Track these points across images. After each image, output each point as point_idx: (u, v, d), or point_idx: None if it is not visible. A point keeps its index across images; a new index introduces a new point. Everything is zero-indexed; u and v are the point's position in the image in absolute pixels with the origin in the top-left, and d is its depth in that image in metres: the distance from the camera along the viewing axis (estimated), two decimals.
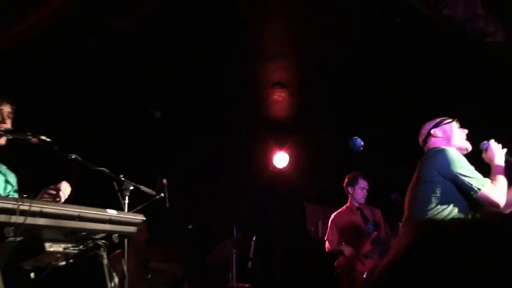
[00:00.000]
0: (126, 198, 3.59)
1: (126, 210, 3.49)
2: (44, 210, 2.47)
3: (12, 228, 2.30)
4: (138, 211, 3.54)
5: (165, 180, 3.98)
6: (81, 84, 5.55)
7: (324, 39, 5.35)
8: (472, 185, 3.63)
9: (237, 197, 7.37)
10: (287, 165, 8.15)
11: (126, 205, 3.55)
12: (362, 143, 6.95)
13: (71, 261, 2.82)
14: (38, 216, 2.43)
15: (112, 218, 2.86)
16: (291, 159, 8.13)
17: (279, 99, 6.89)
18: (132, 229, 3.07)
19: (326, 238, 6.28)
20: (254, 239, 6.45)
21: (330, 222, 6.28)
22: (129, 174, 3.71)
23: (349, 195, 6.24)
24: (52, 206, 2.62)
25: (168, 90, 6.25)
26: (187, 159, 6.95)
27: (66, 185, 3.40)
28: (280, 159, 8.14)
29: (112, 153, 4.69)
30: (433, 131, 3.99)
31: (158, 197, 3.94)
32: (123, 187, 3.59)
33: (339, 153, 7.01)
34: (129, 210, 3.55)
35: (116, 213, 2.91)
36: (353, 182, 6.23)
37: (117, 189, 3.57)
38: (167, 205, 3.97)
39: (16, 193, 3.53)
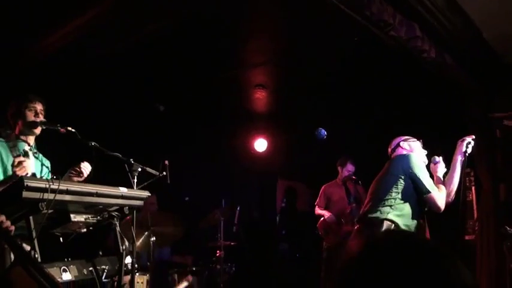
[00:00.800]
0: (135, 177, 3.63)
1: (135, 187, 3.54)
2: (69, 188, 2.52)
3: (45, 203, 2.36)
4: (144, 188, 3.59)
5: (167, 162, 3.98)
6: (98, 85, 5.57)
7: (298, 50, 5.41)
8: (425, 186, 3.71)
9: (225, 176, 7.43)
10: (265, 150, 8.20)
11: (135, 183, 3.60)
12: (325, 133, 7.07)
13: (90, 228, 2.90)
14: (64, 193, 2.48)
15: (123, 194, 2.92)
16: (268, 145, 8.18)
17: (260, 97, 6.93)
18: (139, 203, 3.11)
19: (316, 203, 6.30)
20: (238, 208, 6.53)
21: (320, 191, 6.31)
22: (138, 158, 3.76)
23: (339, 173, 6.24)
24: (76, 185, 2.67)
25: (171, 89, 6.28)
26: (186, 145, 6.98)
27: (86, 164, 3.45)
28: (260, 145, 8.19)
29: (124, 141, 4.71)
30: (401, 143, 4.02)
31: (161, 175, 3.97)
32: (133, 168, 3.58)
33: (307, 140, 7.12)
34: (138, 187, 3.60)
35: (127, 190, 2.97)
36: (343, 163, 6.18)
37: (127, 170, 3.61)
38: (168, 181, 4.00)
39: (50, 174, 3.59)
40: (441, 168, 3.94)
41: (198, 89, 6.41)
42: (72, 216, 2.62)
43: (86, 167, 3.44)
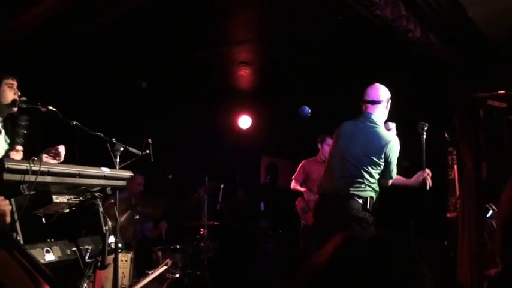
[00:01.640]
0: (118, 157, 3.61)
1: (117, 167, 3.53)
2: (50, 170, 2.51)
3: (26, 185, 2.35)
4: (126, 167, 3.58)
5: (150, 140, 3.97)
6: (78, 64, 5.49)
7: (282, 27, 5.39)
8: (394, 171, 4.02)
9: (209, 153, 7.43)
10: (249, 127, 8.23)
11: (117, 163, 3.58)
12: (309, 111, 7.10)
13: (73, 209, 2.89)
14: (46, 175, 2.47)
15: (106, 174, 2.92)
16: (252, 122, 8.21)
17: (244, 74, 6.91)
18: (122, 183, 3.10)
19: (293, 178, 6.32)
20: (222, 186, 6.55)
21: (299, 166, 6.31)
22: (120, 136, 3.73)
23: (319, 150, 6.24)
24: (57, 166, 2.66)
25: (154, 67, 6.23)
26: (169, 123, 6.95)
27: (63, 147, 3.44)
28: (244, 122, 8.21)
29: (105, 119, 4.67)
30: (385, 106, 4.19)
31: (144, 154, 3.95)
32: (115, 148, 3.57)
33: (290, 117, 7.14)
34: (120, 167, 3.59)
35: (109, 171, 2.97)
36: (322, 139, 6.18)
37: (110, 150, 3.60)
38: (152, 160, 3.99)
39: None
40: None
41: (182, 66, 6.36)
42: (54, 197, 2.61)
43: (62, 150, 3.42)
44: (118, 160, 3.58)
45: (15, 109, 3.39)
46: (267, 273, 6.84)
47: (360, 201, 3.93)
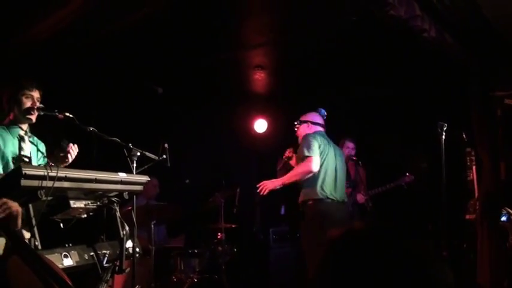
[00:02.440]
0: (134, 162, 3.64)
1: (134, 172, 3.56)
2: (68, 175, 2.53)
3: (44, 190, 2.37)
4: (143, 172, 3.61)
5: (166, 145, 3.98)
6: (95, 70, 5.53)
7: (295, 31, 5.39)
8: None
9: (225, 157, 7.43)
10: (265, 130, 8.20)
11: (134, 168, 3.61)
12: (325, 113, 7.05)
13: (90, 214, 2.92)
14: (63, 180, 2.49)
15: (123, 179, 2.92)
16: (268, 125, 8.17)
17: (259, 78, 6.91)
18: (139, 188, 3.11)
19: None
20: (238, 190, 6.54)
21: None
22: (136, 142, 3.75)
23: None
24: (74, 171, 2.65)
25: (169, 72, 6.25)
26: (185, 127, 6.97)
27: (74, 146, 3.46)
28: (260, 125, 8.18)
29: (122, 125, 4.70)
30: None
31: (161, 159, 3.96)
32: (132, 153, 3.62)
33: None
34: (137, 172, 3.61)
35: (126, 175, 2.97)
36: (341, 143, 6.08)
37: (126, 155, 3.63)
38: (168, 165, 4.01)
39: (45, 159, 3.58)
40: None
41: (197, 70, 6.38)
42: (71, 202, 2.63)
43: (75, 148, 3.44)
44: (135, 165, 3.62)
45: (32, 118, 3.41)
46: (285, 277, 6.81)
47: None
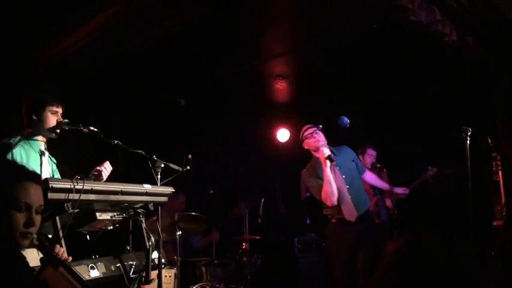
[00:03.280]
0: (159, 173, 3.66)
1: (159, 183, 3.57)
2: (94, 188, 2.55)
3: (70, 203, 2.39)
4: (168, 184, 3.61)
5: (190, 156, 4.02)
6: (118, 84, 5.61)
7: (315, 41, 5.39)
8: None
9: (248, 167, 7.43)
10: (288, 140, 8.17)
11: (158, 180, 3.62)
12: (348, 121, 7.00)
13: (117, 225, 2.93)
14: (89, 193, 2.51)
15: (148, 191, 2.94)
16: (291, 135, 8.14)
17: (281, 87, 6.93)
18: (163, 199, 3.12)
19: None
20: (262, 200, 6.52)
21: None
22: (160, 153, 3.78)
23: (361, 160, 6.09)
24: (100, 184, 2.70)
25: (192, 83, 6.31)
26: (208, 138, 7.00)
27: (107, 164, 3.49)
28: (282, 135, 8.16)
29: (146, 137, 4.74)
30: None
31: (185, 170, 3.98)
32: (156, 165, 3.61)
33: (329, 129, 7.07)
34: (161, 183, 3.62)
35: (151, 187, 2.99)
36: (363, 151, 6.09)
37: (151, 167, 3.64)
38: (192, 175, 4.02)
39: (57, 173, 3.60)
40: None
41: (219, 81, 6.43)
42: (97, 214, 2.66)
43: (108, 166, 3.47)
44: (159, 177, 3.63)
45: (54, 135, 3.45)
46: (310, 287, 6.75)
47: None
